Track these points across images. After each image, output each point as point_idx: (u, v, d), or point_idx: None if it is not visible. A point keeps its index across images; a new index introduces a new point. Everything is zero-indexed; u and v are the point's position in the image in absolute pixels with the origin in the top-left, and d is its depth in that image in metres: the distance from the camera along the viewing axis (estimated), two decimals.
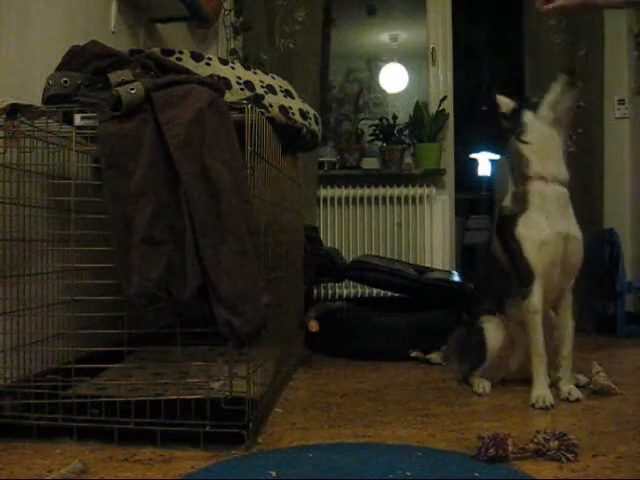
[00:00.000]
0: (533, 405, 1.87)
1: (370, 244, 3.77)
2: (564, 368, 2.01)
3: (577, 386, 2.02)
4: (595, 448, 1.48)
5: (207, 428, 1.47)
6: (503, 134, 2.14)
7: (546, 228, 1.95)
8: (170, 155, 1.44)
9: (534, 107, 2.03)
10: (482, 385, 2.07)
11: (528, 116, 2.03)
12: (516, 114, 2.07)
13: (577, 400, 1.93)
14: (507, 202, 2.09)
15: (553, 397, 1.90)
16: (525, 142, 2.01)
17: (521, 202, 2.01)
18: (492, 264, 2.14)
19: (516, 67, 4.14)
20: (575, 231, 2.01)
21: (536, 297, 1.95)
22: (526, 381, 2.17)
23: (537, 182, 1.99)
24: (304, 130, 2.17)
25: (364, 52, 5.28)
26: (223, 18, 3.56)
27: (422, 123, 3.83)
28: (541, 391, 1.90)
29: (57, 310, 1.68)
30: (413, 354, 2.59)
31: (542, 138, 2.01)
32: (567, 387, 1.97)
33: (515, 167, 2.06)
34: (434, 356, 2.56)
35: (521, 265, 1.97)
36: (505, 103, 2.11)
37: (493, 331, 2.09)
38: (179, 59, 1.96)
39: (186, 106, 1.47)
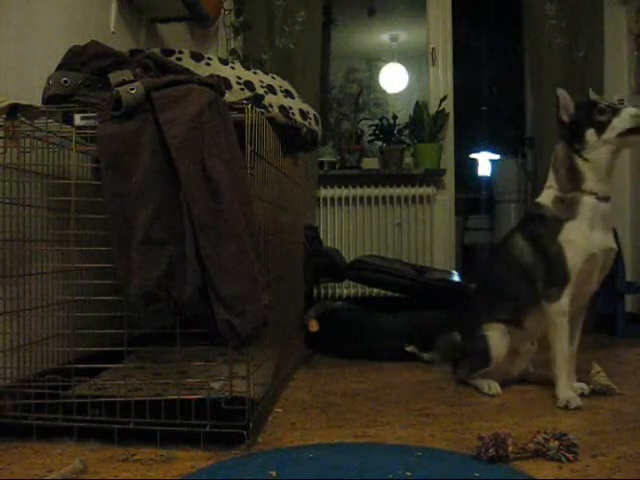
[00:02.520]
0: (566, 406, 1.86)
1: (370, 244, 3.77)
2: (571, 366, 2.02)
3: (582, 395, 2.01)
4: (595, 448, 1.48)
5: (207, 428, 1.47)
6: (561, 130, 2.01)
7: (592, 240, 1.94)
8: (170, 155, 1.44)
9: (600, 128, 1.92)
10: (492, 386, 2.06)
11: (592, 135, 1.93)
12: (577, 125, 1.96)
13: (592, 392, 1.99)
14: (546, 201, 2.02)
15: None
16: (585, 160, 1.95)
17: (569, 210, 1.96)
18: (511, 269, 2.08)
19: (516, 67, 4.14)
20: (613, 244, 2.00)
21: (566, 300, 1.94)
22: (526, 381, 2.18)
23: (590, 197, 1.95)
24: (304, 130, 2.17)
25: (364, 52, 5.28)
26: (223, 18, 3.56)
27: (422, 123, 3.83)
28: (568, 393, 1.91)
29: (57, 310, 1.69)
30: (408, 349, 2.59)
31: (602, 160, 1.94)
32: (577, 384, 2.01)
33: (565, 175, 1.99)
34: (427, 355, 2.55)
35: (557, 268, 1.94)
36: (566, 108, 1.98)
37: (497, 339, 2.07)
38: (179, 59, 1.96)
39: (186, 106, 1.47)
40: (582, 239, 1.93)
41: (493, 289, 2.17)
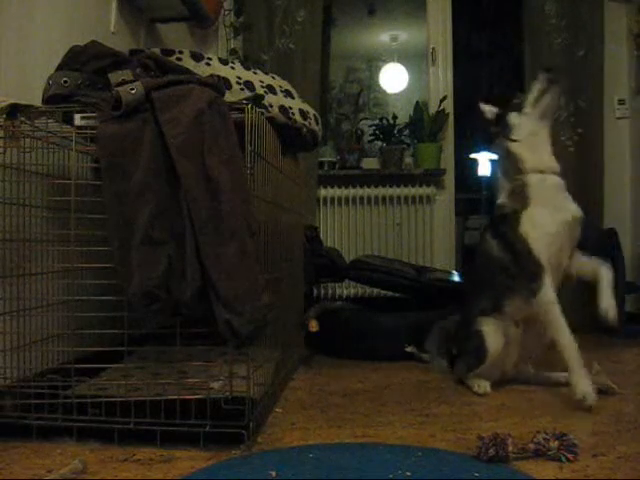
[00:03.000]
0: (581, 402, 1.79)
1: (370, 244, 3.77)
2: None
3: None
4: (595, 448, 1.48)
5: (207, 428, 1.47)
6: (491, 138, 2.23)
7: (551, 221, 1.99)
8: (170, 155, 1.44)
9: (518, 108, 2.12)
10: (482, 385, 2.07)
11: (514, 117, 2.12)
12: (501, 118, 2.15)
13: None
14: (503, 199, 2.11)
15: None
16: (516, 140, 2.09)
17: (521, 198, 2.04)
18: (487, 263, 2.14)
19: (516, 67, 4.14)
20: (576, 211, 2.06)
21: (549, 289, 1.95)
22: (525, 381, 2.18)
23: (534, 175, 2.04)
24: (304, 130, 2.17)
25: (364, 52, 5.29)
26: (223, 18, 3.57)
27: (422, 123, 3.83)
28: (587, 388, 1.81)
29: (57, 310, 1.69)
30: (408, 349, 2.60)
31: (531, 134, 2.08)
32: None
33: (509, 166, 2.11)
34: (426, 355, 2.55)
35: (529, 262, 1.97)
36: (489, 110, 2.21)
37: (492, 334, 2.07)
38: (179, 59, 1.96)
39: (186, 106, 1.47)
40: (542, 223, 1.99)
41: (476, 285, 2.23)
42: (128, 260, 1.43)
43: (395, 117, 4.00)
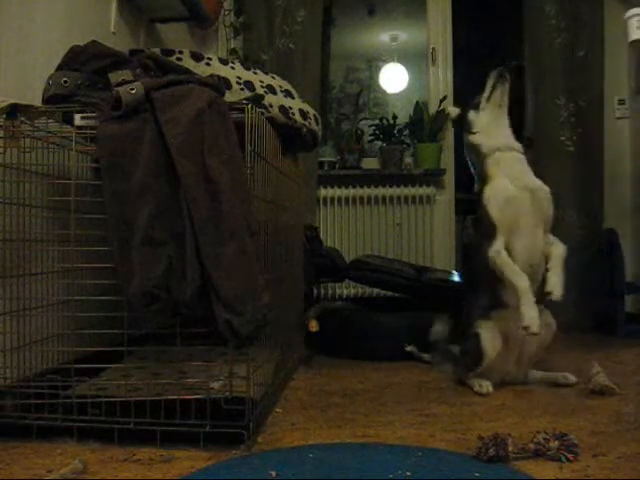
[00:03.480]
0: (526, 328, 1.92)
1: (370, 244, 3.77)
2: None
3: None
4: (595, 448, 1.48)
5: (207, 428, 1.47)
6: (459, 137, 2.46)
7: (506, 186, 2.14)
8: (170, 155, 1.44)
9: (476, 106, 2.33)
10: (484, 385, 2.07)
11: (472, 114, 2.33)
12: (463, 116, 2.37)
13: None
14: (476, 190, 2.27)
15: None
16: (474, 132, 2.30)
17: (484, 176, 2.21)
18: (474, 254, 2.22)
19: (516, 67, 4.13)
20: (540, 184, 2.19)
21: (498, 242, 2.07)
22: (525, 381, 2.18)
23: (492, 155, 2.22)
24: (304, 130, 2.17)
25: (364, 52, 5.28)
26: (223, 18, 3.56)
27: (422, 123, 3.83)
28: (533, 313, 1.94)
29: (57, 310, 1.69)
30: (408, 348, 2.60)
31: (487, 124, 2.29)
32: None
33: (474, 157, 2.31)
34: (427, 355, 2.55)
35: (485, 221, 2.12)
36: (452, 110, 2.50)
37: (489, 338, 2.09)
38: (179, 59, 1.96)
39: (186, 106, 1.47)
40: (498, 189, 2.14)
41: (472, 281, 2.30)
42: (128, 260, 1.42)
43: (395, 117, 4.00)
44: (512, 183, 2.14)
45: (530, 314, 1.94)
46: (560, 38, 3.60)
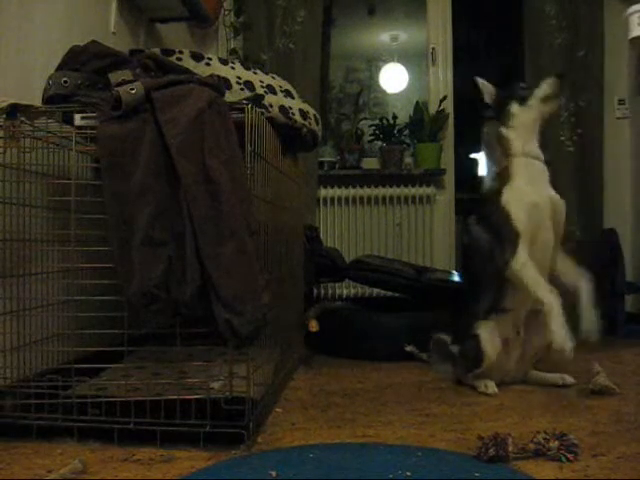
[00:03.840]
0: (562, 349, 1.86)
1: (370, 244, 3.77)
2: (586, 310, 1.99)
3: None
4: (595, 448, 1.48)
5: (207, 428, 1.47)
6: (482, 120, 2.32)
7: (532, 192, 2.07)
8: (170, 155, 1.44)
9: (522, 99, 2.19)
10: (489, 385, 2.06)
11: (515, 107, 2.18)
12: (501, 103, 2.21)
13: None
14: (487, 185, 2.20)
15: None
16: (511, 126, 2.17)
17: (505, 176, 2.12)
18: (476, 253, 2.17)
19: (516, 67, 4.13)
20: (557, 197, 2.13)
21: (522, 253, 2.00)
22: (525, 381, 2.18)
23: (521, 158, 2.14)
24: (304, 130, 2.17)
25: (364, 52, 5.27)
26: (223, 18, 3.56)
27: (422, 123, 3.83)
28: (564, 332, 1.87)
29: (57, 310, 1.69)
30: (408, 348, 2.60)
31: (526, 125, 2.17)
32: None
33: (496, 149, 2.22)
34: (425, 355, 2.55)
35: (506, 227, 2.04)
36: (489, 92, 2.25)
37: (489, 339, 2.08)
38: (179, 59, 1.96)
39: (186, 106, 1.47)
40: (521, 193, 2.07)
41: (473, 282, 2.24)
42: (128, 260, 1.42)
43: (395, 117, 4.00)
44: (532, 188, 2.08)
45: (562, 334, 1.88)
46: (560, 38, 3.60)
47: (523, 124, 2.17)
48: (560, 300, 1.95)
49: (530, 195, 2.06)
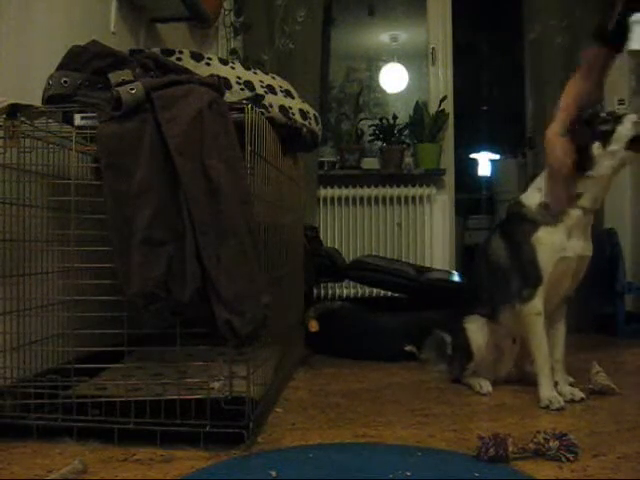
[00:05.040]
0: (547, 407, 1.83)
1: (370, 244, 3.77)
2: (558, 371, 1.99)
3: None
4: (595, 448, 1.48)
5: (207, 428, 1.47)
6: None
7: (566, 245, 1.94)
8: (170, 155, 1.44)
9: (603, 138, 1.88)
10: (484, 384, 2.07)
11: (599, 149, 1.88)
12: (581, 145, 1.91)
13: (582, 400, 1.92)
14: (529, 204, 2.00)
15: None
16: (588, 177, 1.90)
17: (551, 216, 1.95)
18: (489, 266, 2.12)
19: (516, 67, 4.14)
20: (589, 251, 2.00)
21: (539, 301, 1.95)
22: (524, 381, 2.18)
23: (578, 210, 1.94)
24: (304, 130, 2.17)
25: (364, 52, 5.27)
26: (223, 18, 3.56)
27: (422, 123, 3.83)
28: (550, 392, 1.88)
29: (57, 310, 1.68)
30: (407, 348, 2.60)
31: (605, 176, 1.91)
32: (568, 388, 1.97)
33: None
34: (422, 354, 2.56)
35: (530, 268, 1.95)
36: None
37: (476, 330, 2.11)
38: (179, 59, 1.96)
39: (186, 106, 1.47)
40: (555, 242, 1.93)
41: (475, 286, 2.22)
42: (128, 260, 1.42)
43: (395, 117, 4.00)
44: (567, 240, 1.94)
45: (547, 395, 1.87)
46: (560, 38, 3.60)
47: (602, 175, 1.89)
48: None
49: (564, 248, 1.93)
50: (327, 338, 2.72)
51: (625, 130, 1.86)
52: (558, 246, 1.93)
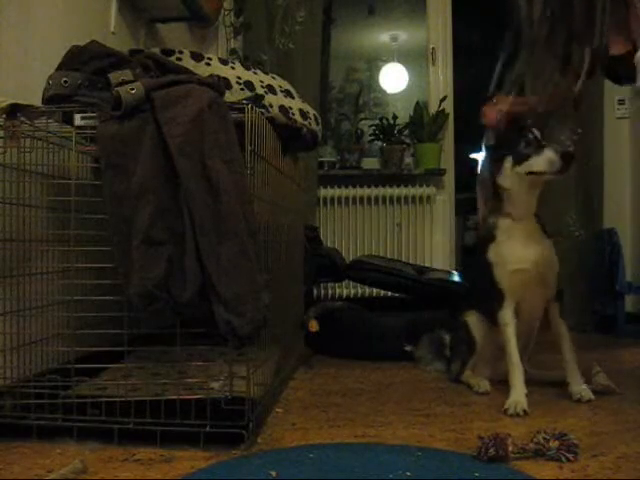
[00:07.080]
0: (505, 411, 1.80)
1: (370, 244, 3.77)
2: (570, 371, 1.99)
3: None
4: (595, 448, 1.48)
5: (207, 428, 1.47)
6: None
7: (514, 259, 1.96)
8: (170, 155, 1.44)
9: (518, 157, 1.94)
10: (482, 384, 2.07)
11: (508, 164, 1.97)
12: (500, 149, 2.01)
13: (589, 400, 1.92)
14: (483, 219, 2.09)
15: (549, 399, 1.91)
16: (503, 187, 1.98)
17: (490, 232, 2.02)
18: (480, 272, 2.15)
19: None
20: (547, 252, 2.00)
21: (506, 312, 1.98)
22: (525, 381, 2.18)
23: (504, 219, 2.00)
24: (304, 130, 2.17)
25: (364, 52, 5.28)
26: (223, 18, 3.56)
27: (422, 123, 3.83)
28: (517, 397, 1.86)
29: (57, 310, 1.68)
30: (408, 349, 2.60)
31: (517, 191, 1.97)
32: (578, 388, 1.96)
33: (492, 197, 2.04)
34: (410, 347, 2.57)
35: (492, 284, 2.01)
36: (488, 137, 2.08)
37: (476, 322, 2.14)
38: (179, 59, 1.96)
39: (186, 106, 1.47)
40: (504, 258, 1.98)
41: (474, 287, 2.29)
42: (128, 260, 1.42)
43: (395, 117, 4.00)
44: (516, 250, 1.96)
45: (511, 399, 1.84)
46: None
47: (514, 189, 1.97)
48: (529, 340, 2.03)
49: (514, 261, 1.96)
50: (327, 338, 2.72)
51: (537, 163, 1.91)
52: (507, 260, 1.97)
